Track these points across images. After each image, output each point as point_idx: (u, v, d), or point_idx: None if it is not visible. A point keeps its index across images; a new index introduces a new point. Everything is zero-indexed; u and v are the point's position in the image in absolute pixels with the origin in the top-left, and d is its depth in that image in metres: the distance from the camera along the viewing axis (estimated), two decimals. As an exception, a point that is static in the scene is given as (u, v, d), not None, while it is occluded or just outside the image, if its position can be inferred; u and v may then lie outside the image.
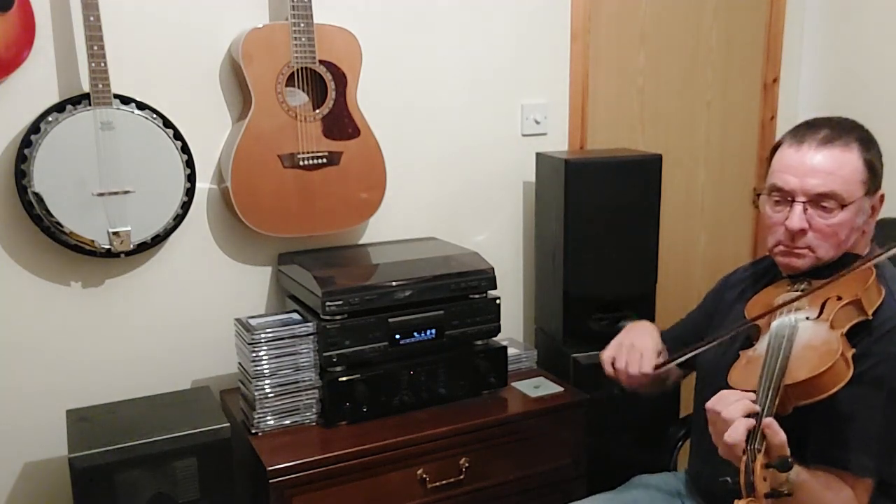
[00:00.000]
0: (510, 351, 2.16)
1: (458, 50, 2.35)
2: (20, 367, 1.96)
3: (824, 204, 1.41)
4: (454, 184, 2.42)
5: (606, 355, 1.66)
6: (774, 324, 1.39)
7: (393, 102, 2.27)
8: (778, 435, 1.17)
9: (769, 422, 1.17)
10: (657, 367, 1.59)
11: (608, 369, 1.65)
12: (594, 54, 2.55)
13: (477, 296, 2.06)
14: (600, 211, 2.24)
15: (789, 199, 1.44)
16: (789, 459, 1.16)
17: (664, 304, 2.43)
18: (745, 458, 1.16)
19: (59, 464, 1.95)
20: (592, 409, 2.13)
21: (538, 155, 2.41)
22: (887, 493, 1.36)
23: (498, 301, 2.08)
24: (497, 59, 2.41)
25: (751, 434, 1.18)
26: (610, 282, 2.29)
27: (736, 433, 1.18)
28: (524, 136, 2.50)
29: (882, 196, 1.49)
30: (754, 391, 1.25)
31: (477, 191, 2.46)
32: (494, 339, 2.13)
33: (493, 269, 2.08)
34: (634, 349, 1.62)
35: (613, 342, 1.68)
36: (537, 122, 2.50)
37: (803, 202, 1.42)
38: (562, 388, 2.16)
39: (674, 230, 2.74)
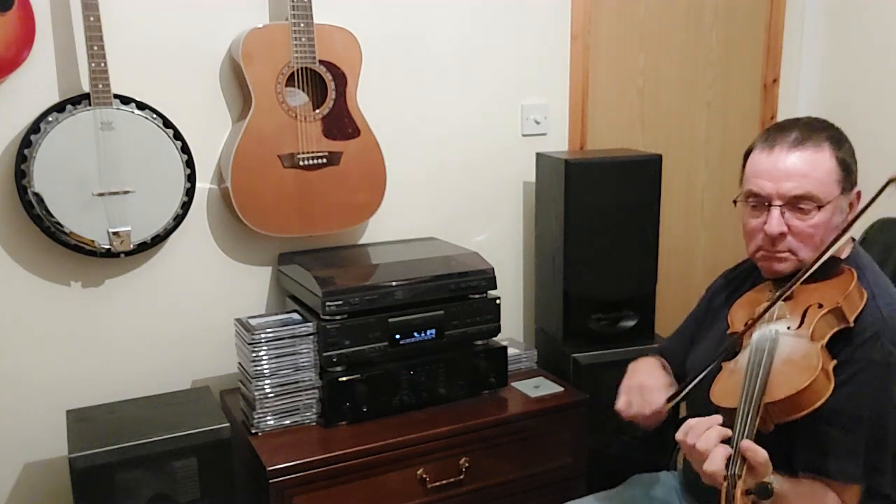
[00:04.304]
0: (510, 351, 2.16)
1: (458, 50, 2.35)
2: (20, 367, 1.96)
3: (801, 206, 1.40)
4: (454, 184, 2.42)
5: (620, 404, 1.58)
6: (755, 335, 1.37)
7: (393, 102, 2.27)
8: (758, 454, 1.16)
9: (747, 444, 1.16)
10: (668, 400, 1.52)
11: (626, 415, 1.57)
12: (594, 54, 2.55)
13: (477, 296, 2.06)
14: (600, 211, 2.24)
15: (766, 203, 1.43)
16: (769, 486, 1.14)
17: (664, 304, 2.43)
18: (725, 484, 1.14)
19: (59, 464, 1.95)
20: (592, 409, 2.12)
21: (538, 155, 2.41)
22: (875, 499, 1.34)
23: (498, 301, 2.08)
24: (497, 60, 2.42)
25: (730, 459, 1.17)
26: (610, 282, 2.29)
27: (714, 463, 1.17)
28: (524, 136, 2.50)
29: (858, 193, 1.46)
30: (734, 409, 1.24)
31: (477, 191, 2.46)
32: (494, 339, 2.13)
33: (493, 269, 2.08)
34: (644, 389, 1.56)
35: (622, 388, 1.60)
36: (537, 123, 2.50)
37: (780, 206, 1.41)
38: (562, 388, 2.16)
39: (674, 230, 2.74)
